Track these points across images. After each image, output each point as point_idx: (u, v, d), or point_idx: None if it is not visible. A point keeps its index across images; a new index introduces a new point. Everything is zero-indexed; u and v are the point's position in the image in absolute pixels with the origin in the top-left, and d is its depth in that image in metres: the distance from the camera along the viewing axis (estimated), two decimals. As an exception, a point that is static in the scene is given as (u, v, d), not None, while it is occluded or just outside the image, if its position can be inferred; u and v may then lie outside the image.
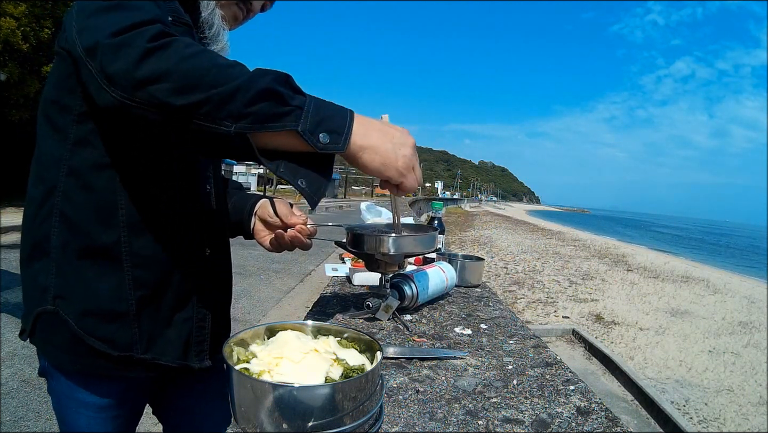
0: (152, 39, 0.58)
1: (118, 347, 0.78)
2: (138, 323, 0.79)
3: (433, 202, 1.77)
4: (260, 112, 0.59)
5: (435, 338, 1.05)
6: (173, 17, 0.73)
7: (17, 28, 10.59)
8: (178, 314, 0.83)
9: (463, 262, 1.58)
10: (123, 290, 0.77)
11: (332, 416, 0.53)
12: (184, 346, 0.84)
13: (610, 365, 4.39)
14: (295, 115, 0.60)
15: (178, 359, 0.84)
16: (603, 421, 0.72)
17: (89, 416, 0.82)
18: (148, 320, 0.80)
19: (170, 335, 0.83)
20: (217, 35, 0.86)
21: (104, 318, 0.77)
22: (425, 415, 0.71)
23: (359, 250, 1.05)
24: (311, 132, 0.61)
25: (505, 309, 1.34)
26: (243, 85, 0.58)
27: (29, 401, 2.62)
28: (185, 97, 0.57)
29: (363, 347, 0.67)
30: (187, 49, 0.59)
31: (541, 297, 7.14)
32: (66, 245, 0.76)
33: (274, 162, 0.64)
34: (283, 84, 0.61)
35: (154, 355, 0.81)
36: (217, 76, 0.58)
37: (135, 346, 0.79)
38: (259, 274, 6.55)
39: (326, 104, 0.64)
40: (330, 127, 0.62)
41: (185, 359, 0.85)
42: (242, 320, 4.52)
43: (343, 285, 1.50)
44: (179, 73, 0.57)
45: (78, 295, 0.76)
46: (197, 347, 0.87)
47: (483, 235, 17.39)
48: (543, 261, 11.21)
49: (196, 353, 0.86)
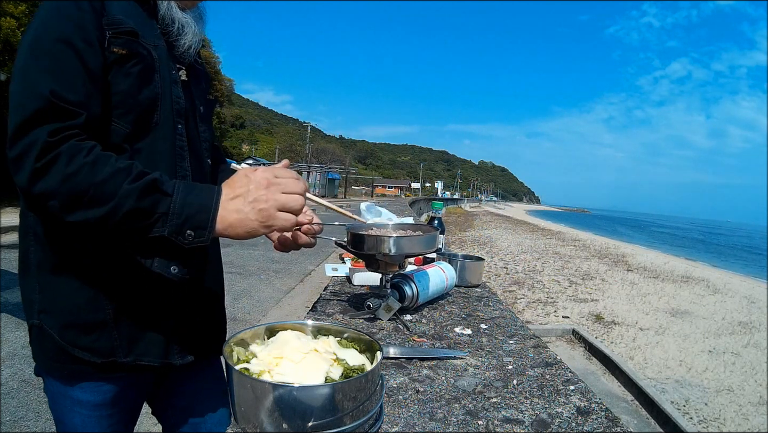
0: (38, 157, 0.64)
1: (101, 354, 0.80)
2: (117, 330, 0.81)
3: (433, 202, 1.77)
4: (131, 228, 0.67)
5: (435, 338, 1.05)
6: (112, 31, 0.74)
7: (17, 28, 10.60)
8: (157, 316, 0.84)
9: (463, 262, 1.58)
10: (99, 301, 0.79)
11: (332, 416, 0.53)
12: (165, 345, 0.86)
13: (610, 365, 4.39)
14: (162, 222, 0.67)
15: (160, 358, 0.85)
16: (603, 421, 0.72)
17: (84, 414, 0.84)
18: (126, 325, 0.81)
19: (150, 337, 0.84)
20: (183, 29, 0.86)
21: (84, 329, 0.79)
22: (425, 415, 0.71)
23: (360, 250, 1.05)
24: (177, 233, 0.67)
25: (505, 309, 1.34)
26: (112, 209, 0.65)
27: (29, 401, 2.62)
28: (72, 214, 0.66)
29: (363, 347, 0.67)
30: (69, 167, 0.64)
31: (541, 297, 7.14)
32: (42, 262, 0.79)
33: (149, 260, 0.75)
34: (148, 195, 0.66)
35: (136, 357, 0.83)
36: (94, 196, 0.65)
37: (117, 351, 0.81)
38: (259, 274, 6.55)
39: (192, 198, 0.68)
40: (194, 225, 0.68)
41: (167, 358, 0.86)
42: (242, 320, 4.52)
43: (343, 285, 1.50)
44: (63, 195, 0.65)
45: (58, 309, 0.79)
46: (179, 346, 0.87)
47: (483, 235, 17.39)
48: (543, 261, 11.21)
49: (177, 351, 0.87)
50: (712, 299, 8.66)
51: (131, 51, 0.76)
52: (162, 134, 0.81)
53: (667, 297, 8.32)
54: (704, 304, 8.08)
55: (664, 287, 9.37)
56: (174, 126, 0.83)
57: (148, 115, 0.79)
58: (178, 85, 0.84)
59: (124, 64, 0.76)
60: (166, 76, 0.82)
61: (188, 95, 0.89)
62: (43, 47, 0.70)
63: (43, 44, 0.70)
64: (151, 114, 0.80)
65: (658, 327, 6.15)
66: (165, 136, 0.82)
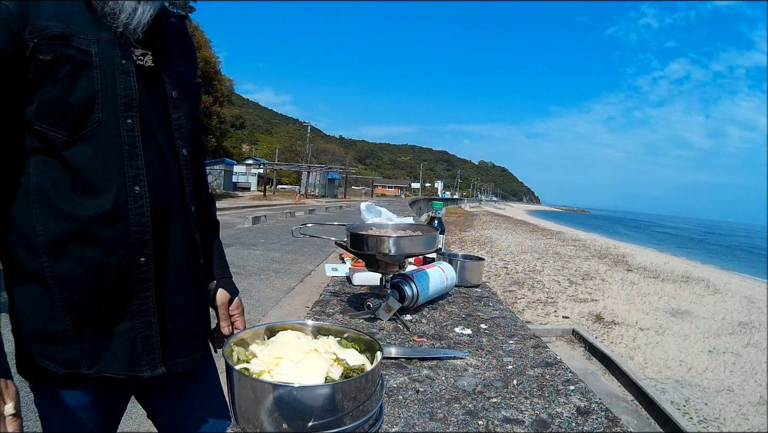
0: None
1: (64, 365, 0.79)
2: (78, 341, 0.79)
3: (433, 202, 1.77)
4: None
5: (435, 338, 1.05)
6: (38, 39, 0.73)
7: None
8: (118, 327, 0.81)
9: (463, 262, 1.58)
10: (56, 312, 0.78)
11: (332, 416, 0.53)
12: (130, 357, 0.82)
13: (610, 365, 4.39)
14: None
15: (125, 370, 0.82)
16: (603, 421, 0.72)
17: (64, 417, 0.83)
18: (87, 336, 0.80)
19: (114, 348, 0.81)
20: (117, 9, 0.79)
21: (46, 340, 0.79)
22: (425, 415, 0.71)
23: (360, 250, 1.05)
24: None
25: (505, 309, 1.34)
26: None
27: (29, 401, 2.61)
28: None
29: (363, 347, 0.67)
30: None
31: (541, 297, 7.14)
32: (8, 271, 0.79)
33: None
34: None
35: (101, 369, 0.80)
36: None
37: (79, 363, 0.80)
38: (259, 274, 6.55)
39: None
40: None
41: (133, 370, 0.82)
42: (242, 320, 4.52)
43: (343, 285, 1.50)
44: None
45: (22, 319, 0.79)
46: (146, 357, 0.83)
47: (483, 235, 17.39)
48: (543, 261, 11.21)
49: (145, 363, 0.83)
50: (712, 299, 8.66)
51: (56, 55, 0.74)
52: (106, 133, 0.77)
53: (667, 297, 8.32)
54: (704, 304, 8.08)
55: (664, 287, 9.37)
56: (119, 122, 0.78)
57: (86, 116, 0.76)
58: (129, 76, 0.79)
59: (51, 69, 0.74)
60: (108, 70, 0.77)
61: (152, 82, 0.84)
62: None
63: None
64: (88, 114, 0.76)
65: (658, 327, 6.15)
66: (110, 134, 0.78)
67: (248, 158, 48.88)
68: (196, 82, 1.00)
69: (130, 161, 0.79)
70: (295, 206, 23.17)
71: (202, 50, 24.68)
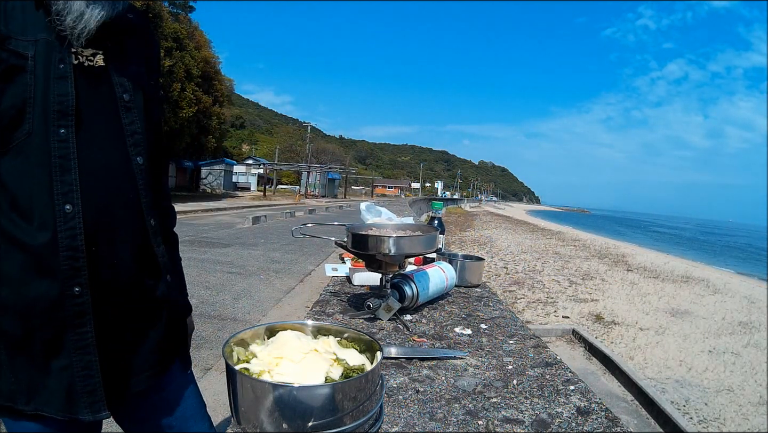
0: None
1: (2, 396, 0.73)
2: (13, 373, 0.73)
3: (433, 202, 1.77)
4: None
5: (435, 338, 1.05)
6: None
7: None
8: (54, 363, 0.73)
9: (463, 262, 1.58)
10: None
11: (332, 416, 0.53)
12: (67, 397, 0.73)
13: (610, 365, 4.39)
14: None
15: (63, 412, 0.74)
16: (603, 421, 0.72)
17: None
18: (23, 369, 0.73)
19: (51, 386, 0.73)
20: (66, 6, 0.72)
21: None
22: (425, 415, 0.71)
23: (360, 250, 1.05)
24: None
25: (505, 309, 1.34)
26: None
27: None
28: None
29: (363, 347, 0.67)
30: None
31: (541, 297, 7.14)
32: None
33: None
34: None
35: (37, 406, 0.73)
36: None
37: (16, 397, 0.73)
38: (259, 274, 6.55)
39: None
40: None
41: (72, 412, 0.74)
42: (242, 320, 4.52)
43: (343, 285, 1.50)
44: None
45: None
46: (87, 398, 0.74)
47: (483, 235, 17.39)
48: (543, 261, 11.21)
49: (86, 405, 0.74)
50: (712, 299, 8.66)
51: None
52: (35, 145, 0.70)
53: (667, 297, 8.32)
54: (704, 304, 8.08)
55: (664, 286, 9.37)
56: (49, 132, 0.70)
57: (16, 127, 0.69)
58: (65, 81, 0.71)
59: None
60: (40, 75, 0.70)
61: (100, 84, 0.76)
62: None
63: None
64: (18, 125, 0.69)
65: (658, 327, 6.15)
66: (38, 145, 0.70)
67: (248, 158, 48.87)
68: (154, 84, 0.89)
69: (61, 176, 0.70)
70: (295, 206, 23.18)
71: (202, 50, 24.63)
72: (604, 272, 10.34)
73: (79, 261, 0.71)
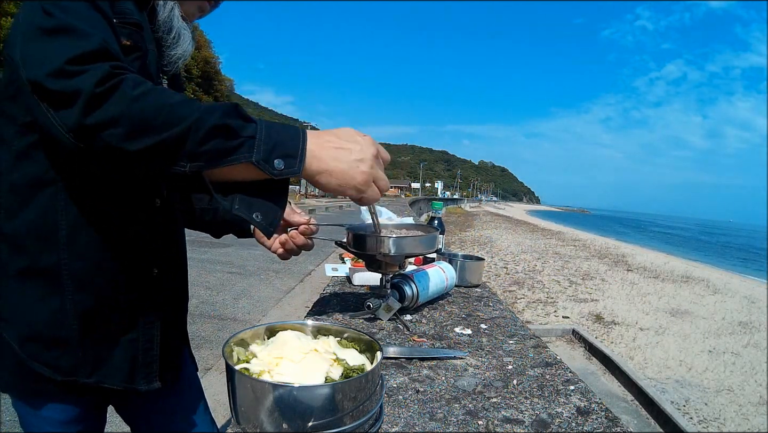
0: (99, 83, 0.55)
1: (62, 372, 0.75)
2: (82, 348, 0.76)
3: (433, 202, 1.77)
4: (213, 150, 0.58)
5: (435, 338, 1.05)
6: (118, 19, 0.70)
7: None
8: (123, 337, 0.79)
9: (463, 262, 1.58)
10: (65, 315, 0.74)
11: (332, 416, 0.53)
12: (130, 369, 0.80)
13: (610, 365, 4.39)
14: (248, 146, 0.60)
15: (124, 382, 0.80)
16: (603, 421, 0.72)
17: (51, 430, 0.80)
18: (91, 344, 0.76)
19: (116, 359, 0.79)
20: (178, 39, 0.81)
21: (46, 344, 0.74)
22: (425, 415, 0.71)
23: (360, 250, 1.05)
24: (265, 160, 0.61)
25: (505, 309, 1.34)
26: (194, 124, 0.57)
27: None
28: (138, 141, 0.56)
29: (363, 347, 0.67)
30: (135, 90, 0.57)
31: (541, 297, 7.14)
32: (6, 265, 0.73)
33: (229, 198, 0.64)
34: (232, 116, 0.60)
35: (99, 378, 0.78)
36: (168, 116, 0.57)
37: (79, 371, 0.76)
38: (259, 274, 6.55)
39: (277, 128, 0.63)
40: (284, 152, 0.62)
41: (132, 382, 0.81)
42: (242, 320, 4.52)
43: (343, 285, 1.50)
44: (129, 117, 0.56)
45: (19, 318, 0.74)
46: (145, 369, 0.82)
47: (483, 235, 17.38)
48: (543, 261, 11.21)
49: (143, 376, 0.82)
50: (712, 299, 8.66)
51: (135, 43, 0.71)
52: None
53: (667, 297, 8.32)
54: (704, 304, 8.08)
55: (664, 287, 9.37)
56: None
57: None
58: None
59: (127, 56, 0.70)
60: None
61: None
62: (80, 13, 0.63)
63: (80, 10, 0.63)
64: None
65: (658, 327, 6.15)
66: None
67: (248, 158, 48.70)
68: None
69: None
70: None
71: (203, 50, 24.63)
72: (604, 272, 10.34)
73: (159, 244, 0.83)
